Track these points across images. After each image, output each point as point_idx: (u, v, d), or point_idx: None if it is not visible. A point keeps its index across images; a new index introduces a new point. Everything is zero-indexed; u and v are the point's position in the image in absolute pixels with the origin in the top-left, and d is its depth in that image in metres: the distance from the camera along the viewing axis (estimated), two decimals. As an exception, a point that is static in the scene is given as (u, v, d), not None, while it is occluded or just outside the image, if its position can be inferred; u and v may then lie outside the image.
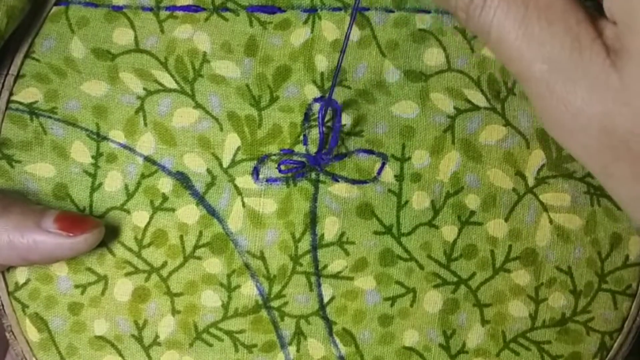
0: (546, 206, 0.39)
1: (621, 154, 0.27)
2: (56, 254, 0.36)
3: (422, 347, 0.39)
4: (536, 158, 0.39)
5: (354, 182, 0.38)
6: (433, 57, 0.39)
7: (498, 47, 0.28)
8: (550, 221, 0.39)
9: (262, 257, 0.38)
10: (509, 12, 0.27)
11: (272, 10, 0.38)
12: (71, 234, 0.36)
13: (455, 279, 0.39)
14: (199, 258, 0.38)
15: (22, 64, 0.38)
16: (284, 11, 0.39)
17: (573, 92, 0.27)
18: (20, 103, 0.38)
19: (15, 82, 0.38)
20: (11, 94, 0.38)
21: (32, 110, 0.38)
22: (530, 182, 0.39)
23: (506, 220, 0.39)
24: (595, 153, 0.27)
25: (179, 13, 0.38)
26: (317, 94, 0.38)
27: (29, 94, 0.38)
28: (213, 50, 0.38)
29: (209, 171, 0.38)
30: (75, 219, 0.36)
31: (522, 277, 0.39)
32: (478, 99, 0.39)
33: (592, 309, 0.40)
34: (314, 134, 0.38)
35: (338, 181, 0.39)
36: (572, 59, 0.27)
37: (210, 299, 0.39)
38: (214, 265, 0.38)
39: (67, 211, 0.37)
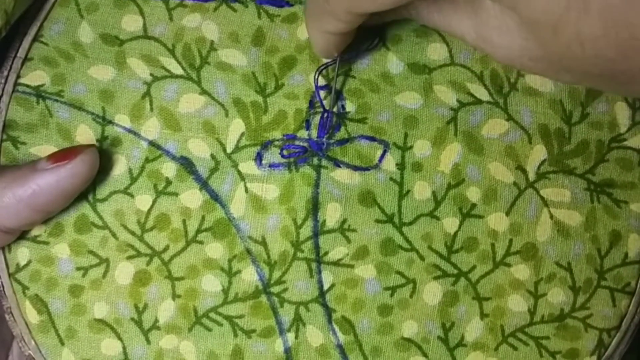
0: (547, 201, 0.39)
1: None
2: (61, 186, 0.36)
3: (421, 338, 0.39)
4: (537, 153, 0.39)
5: (355, 168, 0.39)
6: (436, 51, 0.39)
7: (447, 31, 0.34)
8: (551, 216, 0.39)
9: (263, 243, 0.39)
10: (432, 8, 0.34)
11: (280, 3, 0.39)
12: (67, 160, 0.36)
13: (455, 272, 0.39)
14: (200, 242, 0.39)
15: (30, 47, 0.39)
16: (292, 5, 0.39)
17: (495, 43, 0.31)
18: (27, 86, 0.39)
19: (23, 64, 0.39)
20: (18, 76, 0.39)
21: (38, 93, 0.39)
22: (531, 176, 0.39)
23: (507, 214, 0.39)
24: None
25: (189, 2, 0.39)
26: (322, 82, 0.39)
27: (36, 76, 0.39)
28: (220, 39, 0.39)
29: (212, 156, 0.39)
30: (65, 149, 0.37)
31: (521, 271, 0.39)
32: (481, 92, 0.39)
33: (591, 306, 0.40)
34: (318, 119, 0.39)
35: (340, 166, 0.39)
36: (475, 24, 0.31)
37: (211, 283, 0.39)
38: (215, 250, 0.39)
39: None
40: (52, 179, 0.36)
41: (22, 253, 0.39)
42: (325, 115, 0.39)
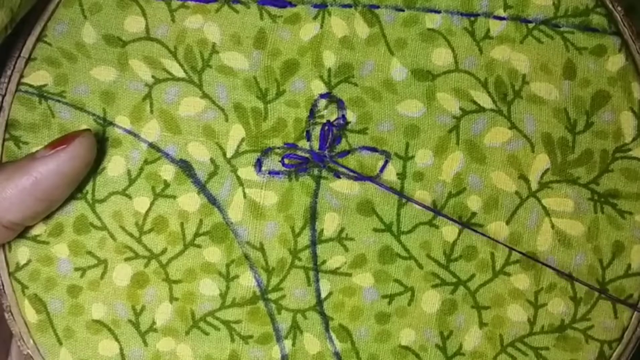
0: (549, 211, 0.39)
1: None
2: (62, 170, 0.36)
3: (419, 346, 0.39)
4: (541, 162, 0.39)
5: (356, 178, 0.39)
6: (441, 57, 0.39)
7: None
8: (552, 226, 0.39)
9: (261, 249, 0.39)
10: None
11: (282, 4, 0.39)
12: (65, 144, 0.36)
13: (454, 280, 0.39)
14: (198, 246, 0.39)
15: (34, 47, 0.39)
16: (295, 5, 0.39)
17: None
18: (30, 85, 0.39)
19: (26, 64, 0.39)
20: (22, 76, 0.39)
21: (41, 93, 0.39)
22: (534, 186, 0.39)
23: (507, 223, 0.39)
24: None
25: (191, 3, 0.39)
26: (323, 89, 0.39)
27: (39, 76, 0.39)
28: (222, 41, 0.39)
29: (212, 160, 0.39)
30: (62, 136, 0.37)
31: (521, 281, 0.39)
32: (484, 100, 0.39)
33: (592, 317, 0.39)
34: (318, 130, 0.39)
35: (340, 177, 0.39)
36: None
37: (209, 287, 0.39)
38: (213, 254, 0.39)
39: None
40: (53, 165, 0.36)
41: (23, 252, 0.39)
42: (326, 127, 0.38)
